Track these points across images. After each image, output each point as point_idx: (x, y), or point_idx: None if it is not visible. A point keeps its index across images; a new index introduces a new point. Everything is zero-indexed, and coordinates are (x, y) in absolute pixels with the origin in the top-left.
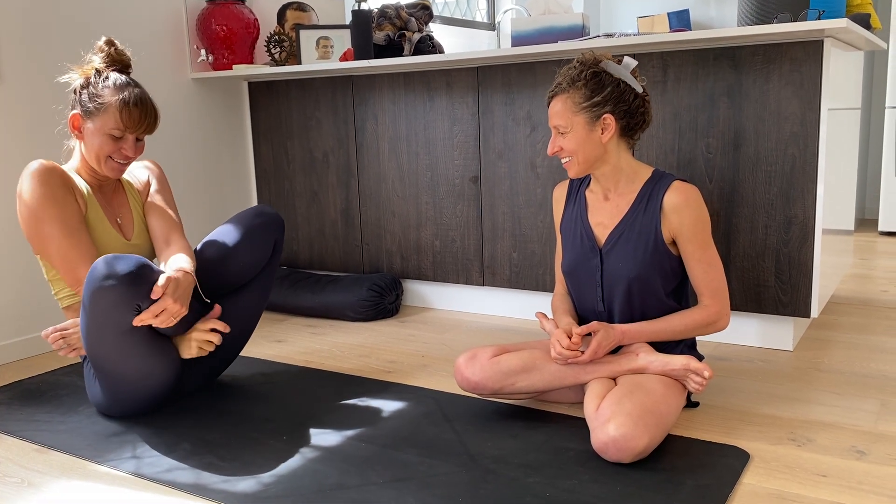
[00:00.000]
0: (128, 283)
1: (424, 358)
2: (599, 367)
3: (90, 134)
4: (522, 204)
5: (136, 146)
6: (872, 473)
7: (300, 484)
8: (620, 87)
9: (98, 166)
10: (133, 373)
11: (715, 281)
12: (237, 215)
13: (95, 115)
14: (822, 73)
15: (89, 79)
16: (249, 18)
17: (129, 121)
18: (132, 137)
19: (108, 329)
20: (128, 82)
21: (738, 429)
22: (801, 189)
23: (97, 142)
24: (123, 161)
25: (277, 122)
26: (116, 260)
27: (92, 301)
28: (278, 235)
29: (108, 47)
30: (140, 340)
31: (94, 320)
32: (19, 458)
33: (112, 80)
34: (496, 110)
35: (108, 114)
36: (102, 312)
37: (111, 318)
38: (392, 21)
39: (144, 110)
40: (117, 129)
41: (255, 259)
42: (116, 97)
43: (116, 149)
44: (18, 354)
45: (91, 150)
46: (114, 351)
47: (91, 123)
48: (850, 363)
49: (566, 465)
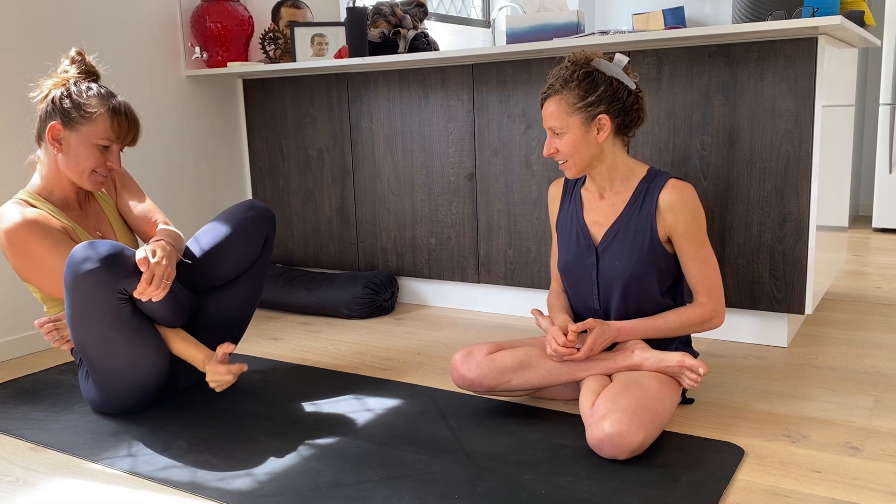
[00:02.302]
0: (107, 264)
1: (420, 355)
2: (595, 364)
3: (74, 145)
4: (518, 201)
5: (118, 157)
6: (866, 469)
7: (296, 481)
8: (614, 85)
9: (80, 179)
10: (120, 361)
11: (710, 279)
12: (227, 210)
13: (81, 125)
14: (816, 70)
15: (68, 88)
16: (244, 16)
17: (118, 130)
18: (118, 148)
19: (91, 314)
20: (111, 92)
21: (732, 425)
22: (796, 186)
23: (83, 153)
24: (106, 174)
25: (272, 119)
26: (94, 245)
27: (73, 286)
28: (269, 229)
29: (80, 57)
30: (125, 327)
31: (77, 306)
32: (14, 456)
33: (95, 90)
34: (491, 107)
35: (96, 123)
36: (84, 297)
37: (93, 302)
38: (387, 18)
39: (132, 120)
40: (106, 139)
41: (247, 253)
42: (105, 106)
43: (102, 161)
44: (13, 353)
45: (74, 162)
46: (98, 337)
47: (74, 134)
48: (845, 359)
49: (562, 462)
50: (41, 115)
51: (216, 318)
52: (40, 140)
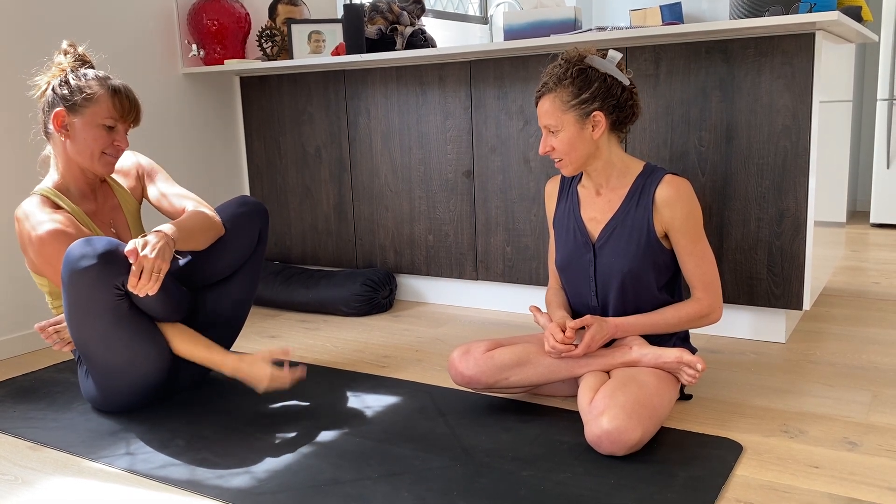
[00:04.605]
0: (104, 260)
1: (418, 352)
2: (593, 361)
3: (80, 129)
4: (516, 198)
5: (126, 137)
6: (864, 464)
7: (294, 479)
8: (607, 82)
9: (91, 163)
10: (119, 358)
11: (707, 274)
12: (220, 206)
13: (84, 108)
14: (813, 65)
15: (66, 75)
16: (241, 13)
17: (121, 108)
18: (123, 127)
19: (89, 311)
20: (107, 75)
21: (730, 421)
22: (793, 182)
23: (90, 135)
24: (116, 154)
25: (269, 117)
26: (90, 241)
27: (71, 283)
28: (263, 224)
29: (72, 48)
30: (124, 323)
31: (76, 303)
32: (13, 455)
33: (93, 74)
34: (489, 104)
35: (99, 104)
36: (82, 294)
37: (92, 299)
38: (384, 15)
39: (132, 99)
40: (110, 119)
41: (241, 248)
42: (105, 87)
43: (110, 141)
44: (12, 351)
45: (83, 146)
46: (98, 334)
47: (79, 118)
48: (842, 355)
49: (560, 458)
50: (43, 108)
51: (213, 315)
52: (47, 133)
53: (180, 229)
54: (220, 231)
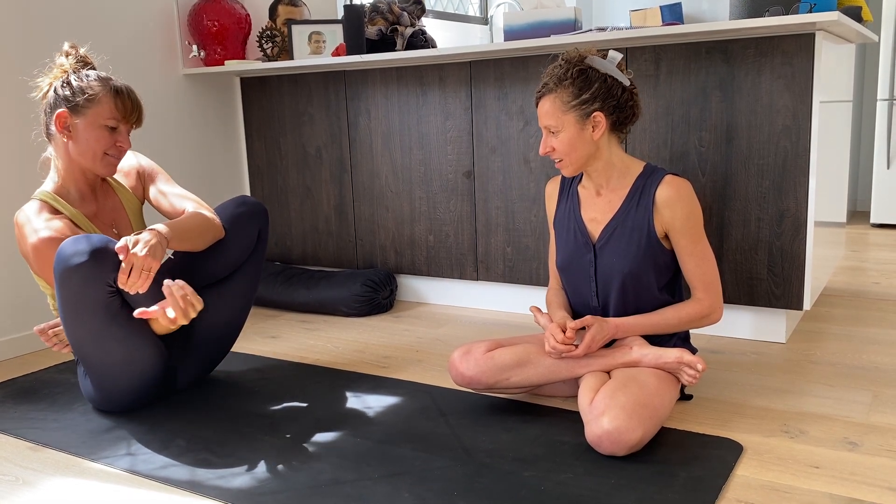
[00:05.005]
0: (95, 257)
1: (419, 353)
2: (593, 361)
3: (82, 130)
4: (516, 198)
5: (128, 137)
6: (865, 464)
7: (295, 480)
8: (608, 83)
9: (93, 164)
10: (114, 357)
11: (707, 274)
12: (219, 206)
13: (87, 108)
14: (813, 66)
15: (68, 76)
16: (241, 14)
17: (123, 109)
18: (125, 128)
19: (82, 308)
20: (109, 76)
21: (731, 421)
22: (794, 182)
23: (93, 136)
24: (118, 155)
25: (270, 117)
26: (80, 239)
27: (63, 281)
28: (262, 223)
29: (73, 50)
30: (117, 320)
31: (68, 302)
32: (13, 455)
33: (94, 75)
34: (489, 105)
35: (101, 104)
36: (74, 292)
37: (84, 297)
38: (384, 16)
39: (134, 99)
40: (113, 119)
41: (241, 248)
42: (107, 87)
43: (112, 142)
44: (12, 352)
45: (85, 147)
46: (91, 333)
47: (81, 119)
48: (843, 355)
49: (561, 459)
50: (45, 109)
51: (214, 314)
52: (49, 134)
53: (174, 229)
54: (220, 233)
